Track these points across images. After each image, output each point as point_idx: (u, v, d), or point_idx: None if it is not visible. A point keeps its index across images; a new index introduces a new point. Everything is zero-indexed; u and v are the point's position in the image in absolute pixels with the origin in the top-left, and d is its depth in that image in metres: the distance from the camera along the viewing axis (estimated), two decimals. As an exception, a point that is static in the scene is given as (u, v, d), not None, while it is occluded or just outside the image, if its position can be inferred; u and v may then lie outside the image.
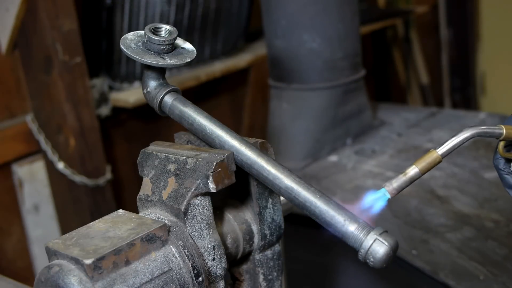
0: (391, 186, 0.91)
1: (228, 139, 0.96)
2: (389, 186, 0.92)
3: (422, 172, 0.92)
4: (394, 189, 0.91)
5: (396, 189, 0.91)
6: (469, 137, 0.96)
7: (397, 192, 0.91)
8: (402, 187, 0.91)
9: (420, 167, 0.93)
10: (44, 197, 2.68)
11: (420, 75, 4.62)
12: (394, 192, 0.91)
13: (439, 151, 0.94)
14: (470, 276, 1.72)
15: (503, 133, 0.99)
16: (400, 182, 0.91)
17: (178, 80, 2.86)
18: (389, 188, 0.91)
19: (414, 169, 0.92)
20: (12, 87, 2.56)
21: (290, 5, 2.44)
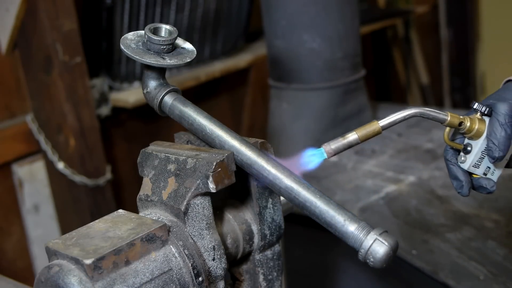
0: (329, 147, 0.95)
1: (228, 139, 0.96)
2: (327, 146, 0.95)
3: (360, 139, 0.96)
4: (332, 149, 0.95)
5: (333, 150, 0.95)
6: (411, 115, 0.98)
7: (333, 153, 0.95)
8: (339, 149, 0.95)
9: (360, 134, 0.96)
10: (44, 197, 2.67)
11: (420, 75, 4.62)
12: (331, 152, 0.95)
13: (380, 123, 0.97)
14: (470, 276, 1.72)
15: (447, 119, 1.00)
16: (338, 145, 0.95)
17: (178, 80, 2.86)
18: (327, 148, 0.95)
19: (354, 135, 0.96)
20: (12, 87, 2.55)
21: (290, 5, 2.44)
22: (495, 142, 0.99)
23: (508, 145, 0.99)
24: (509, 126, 0.99)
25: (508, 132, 0.99)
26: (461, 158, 1.05)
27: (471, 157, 1.03)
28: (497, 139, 0.99)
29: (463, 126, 1.01)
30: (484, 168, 1.04)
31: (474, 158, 1.03)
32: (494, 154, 1.00)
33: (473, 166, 1.04)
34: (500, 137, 0.99)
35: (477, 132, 1.01)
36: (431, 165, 2.33)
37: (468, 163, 1.04)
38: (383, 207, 2.08)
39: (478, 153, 1.03)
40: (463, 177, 1.05)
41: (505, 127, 0.99)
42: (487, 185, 1.05)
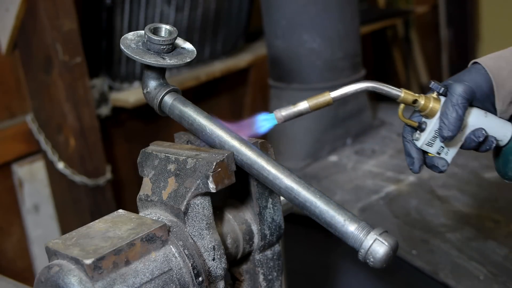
0: (280, 113, 0.98)
1: (228, 139, 0.96)
2: (278, 113, 0.98)
3: (311, 108, 0.99)
4: (282, 116, 0.98)
5: (284, 117, 0.98)
6: (363, 88, 1.01)
7: (284, 119, 0.98)
8: (289, 117, 0.98)
9: (311, 104, 0.99)
10: (44, 197, 2.67)
11: (420, 75, 4.61)
12: (281, 119, 0.98)
13: (332, 94, 1.00)
14: (470, 276, 1.72)
15: (400, 95, 1.01)
16: (289, 112, 0.98)
17: (178, 80, 2.86)
18: (278, 114, 0.98)
19: (305, 104, 0.99)
20: (12, 87, 2.55)
21: (290, 5, 2.44)
22: (446, 122, 1.00)
23: (458, 125, 1.00)
24: (460, 107, 0.99)
25: (459, 113, 0.99)
26: (416, 135, 1.06)
27: (424, 135, 1.04)
28: (448, 119, 1.00)
29: (417, 104, 1.02)
30: (437, 147, 1.05)
31: (428, 137, 1.04)
32: (444, 134, 1.00)
33: (426, 145, 1.04)
34: (451, 117, 0.99)
35: (431, 110, 1.02)
36: (431, 165, 2.33)
37: (421, 140, 1.04)
38: (383, 207, 2.08)
39: (431, 132, 1.03)
40: (415, 154, 1.06)
41: (456, 108, 0.99)
42: (438, 164, 1.05)
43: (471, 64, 1.05)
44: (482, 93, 1.02)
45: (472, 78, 1.02)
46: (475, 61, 1.05)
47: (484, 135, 1.02)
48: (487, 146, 1.04)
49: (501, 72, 1.01)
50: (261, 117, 0.99)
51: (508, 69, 1.01)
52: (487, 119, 1.04)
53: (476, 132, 1.02)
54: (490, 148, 1.04)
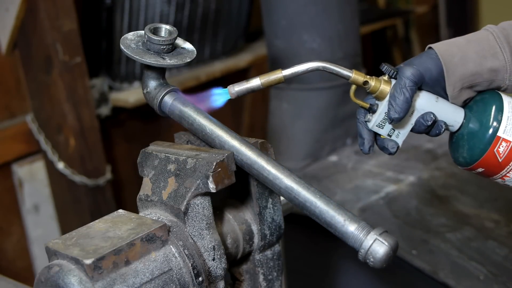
0: (233, 88, 1.01)
1: (228, 139, 0.96)
2: (231, 88, 1.01)
3: (263, 85, 1.02)
4: (235, 91, 1.01)
5: (237, 92, 1.01)
6: (314, 68, 1.05)
7: (236, 94, 1.01)
8: (242, 92, 1.01)
9: (262, 81, 1.02)
10: (44, 197, 2.67)
11: (420, 75, 4.61)
12: (234, 94, 1.01)
13: (284, 73, 1.03)
14: (470, 276, 1.72)
15: (351, 76, 1.04)
16: (241, 88, 1.01)
17: (178, 80, 2.86)
18: (231, 89, 1.01)
19: (257, 81, 1.01)
20: (12, 87, 2.55)
21: (290, 5, 2.44)
22: (393, 104, 1.01)
23: (406, 108, 1.01)
24: (408, 90, 1.01)
25: (407, 95, 1.01)
26: (368, 117, 1.07)
27: (375, 117, 1.05)
28: (395, 101, 1.01)
29: (367, 86, 1.04)
30: (388, 129, 1.06)
31: (378, 118, 1.05)
32: (391, 115, 1.02)
33: (377, 126, 1.06)
34: (398, 99, 1.01)
35: (381, 92, 1.04)
36: (431, 165, 2.33)
37: (372, 122, 1.06)
38: (383, 207, 2.08)
39: (382, 114, 1.05)
40: (366, 135, 1.07)
41: (403, 90, 1.01)
42: (388, 146, 1.07)
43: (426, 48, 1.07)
44: (431, 77, 1.03)
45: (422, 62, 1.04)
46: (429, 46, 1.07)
47: (433, 119, 1.03)
48: (436, 131, 1.05)
49: (452, 58, 1.03)
50: (216, 91, 1.02)
51: (460, 55, 1.03)
52: (438, 104, 1.05)
53: (425, 116, 1.04)
54: (440, 132, 1.06)
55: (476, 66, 1.03)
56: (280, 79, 1.02)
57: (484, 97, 1.06)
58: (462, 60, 1.03)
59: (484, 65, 1.03)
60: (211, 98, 1.02)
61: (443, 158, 2.34)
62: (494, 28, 1.06)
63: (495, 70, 1.03)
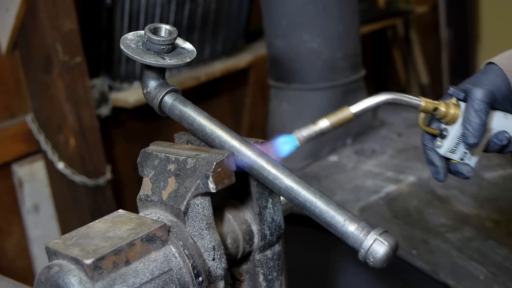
0: (301, 134, 0.94)
1: (228, 139, 0.96)
2: (298, 134, 0.94)
3: (332, 126, 0.95)
4: (304, 137, 0.94)
5: (305, 137, 0.94)
6: (384, 101, 0.98)
7: (305, 140, 0.94)
8: (311, 137, 0.94)
9: (331, 121, 0.95)
10: (44, 197, 2.67)
11: (420, 75, 4.61)
12: (302, 140, 0.94)
13: (352, 110, 0.96)
14: (470, 276, 1.72)
15: (421, 104, 0.99)
16: (310, 132, 0.94)
17: (178, 80, 2.86)
18: (299, 135, 0.94)
19: (326, 122, 0.95)
20: (12, 87, 2.55)
21: (290, 5, 2.44)
22: (470, 129, 0.98)
23: (482, 131, 0.98)
24: (483, 112, 0.98)
25: (483, 118, 0.98)
26: (437, 143, 1.04)
27: (447, 142, 1.03)
28: (472, 126, 0.98)
29: (437, 112, 1.01)
30: (460, 153, 1.03)
31: (450, 144, 1.02)
32: (469, 141, 0.99)
33: (450, 152, 1.03)
34: (475, 123, 0.98)
35: (452, 117, 1.01)
36: (431, 165, 2.33)
37: (444, 148, 1.03)
38: (383, 207, 2.08)
39: (454, 139, 1.02)
40: (439, 162, 1.04)
41: (479, 114, 0.98)
42: (463, 171, 1.05)
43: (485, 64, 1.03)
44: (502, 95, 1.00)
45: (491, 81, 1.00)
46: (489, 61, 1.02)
47: (508, 138, 1.01)
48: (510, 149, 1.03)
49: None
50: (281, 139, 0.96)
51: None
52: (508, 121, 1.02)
53: (499, 136, 1.01)
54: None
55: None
56: (350, 117, 0.96)
57: None
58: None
59: None
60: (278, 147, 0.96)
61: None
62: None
63: None
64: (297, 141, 0.95)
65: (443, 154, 1.04)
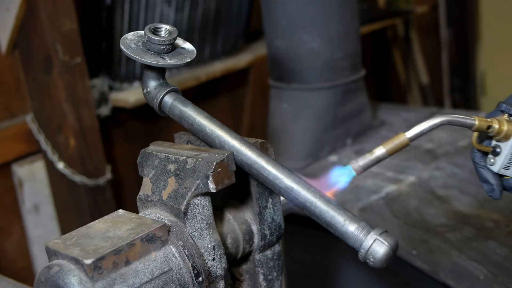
0: (357, 164, 0.94)
1: (228, 139, 0.96)
2: (355, 164, 0.94)
3: (389, 153, 0.95)
4: (360, 166, 0.94)
5: (361, 167, 0.94)
6: (438, 124, 0.97)
7: (362, 170, 0.94)
8: (368, 166, 0.95)
9: (387, 148, 0.96)
10: (44, 197, 2.67)
11: (420, 75, 4.62)
12: (359, 170, 0.94)
13: (408, 135, 0.96)
14: (470, 276, 1.72)
15: (475, 124, 0.99)
16: (367, 161, 0.95)
17: (178, 80, 2.86)
18: (355, 165, 0.94)
19: (381, 150, 0.96)
20: (12, 87, 2.56)
21: (290, 5, 2.44)
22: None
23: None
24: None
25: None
26: (490, 160, 1.03)
27: (501, 159, 1.02)
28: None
29: (491, 130, 1.00)
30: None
31: (504, 160, 1.02)
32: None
33: (504, 168, 1.02)
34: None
35: (506, 134, 1.00)
36: (431, 165, 2.33)
37: (498, 165, 1.02)
38: (383, 207, 2.08)
39: (508, 155, 1.01)
40: (493, 180, 1.03)
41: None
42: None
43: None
44: None
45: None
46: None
47: None
48: None
49: None
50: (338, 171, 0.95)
51: None
52: None
53: None
54: None
55: None
56: (406, 143, 0.96)
57: None
58: None
59: None
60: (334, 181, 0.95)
61: (443, 158, 2.34)
62: None
63: None
64: (354, 172, 0.95)
65: (497, 171, 1.03)
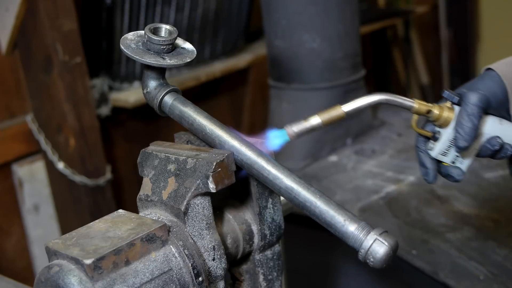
0: (292, 129, 0.96)
1: (228, 139, 0.96)
2: (289, 129, 0.96)
3: (323, 123, 0.98)
4: (294, 132, 0.96)
5: (295, 133, 0.96)
6: (376, 101, 0.99)
7: (296, 135, 0.96)
8: (301, 132, 0.96)
9: (323, 119, 0.98)
10: (44, 197, 2.67)
11: (420, 75, 4.61)
12: (293, 135, 0.96)
13: (344, 108, 0.99)
14: (470, 276, 1.72)
15: (414, 106, 1.00)
16: (301, 128, 0.97)
17: (178, 80, 2.86)
18: (290, 130, 0.96)
19: (317, 119, 0.98)
20: (12, 87, 2.55)
21: (290, 5, 2.44)
22: (461, 132, 0.99)
23: (473, 135, 0.99)
24: (476, 116, 0.99)
25: (475, 122, 0.99)
26: (430, 145, 1.05)
27: (439, 145, 1.03)
28: (463, 129, 0.99)
29: (431, 114, 1.01)
30: (452, 156, 1.04)
31: (442, 146, 1.03)
32: (459, 144, 1.00)
33: (441, 154, 1.04)
34: (467, 127, 0.99)
35: (445, 120, 1.02)
36: (431, 165, 2.33)
37: (436, 150, 1.04)
38: (383, 207, 2.08)
39: (446, 142, 1.03)
40: (430, 164, 1.05)
41: (471, 118, 0.99)
42: (454, 174, 1.05)
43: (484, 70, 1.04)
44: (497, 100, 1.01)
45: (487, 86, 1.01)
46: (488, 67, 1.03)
47: (500, 144, 1.01)
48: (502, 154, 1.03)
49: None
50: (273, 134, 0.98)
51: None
52: (503, 127, 1.03)
53: (492, 141, 1.02)
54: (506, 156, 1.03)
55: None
56: (342, 116, 0.98)
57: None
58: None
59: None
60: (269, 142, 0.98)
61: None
62: None
63: None
64: (287, 136, 0.97)
65: (434, 157, 1.04)
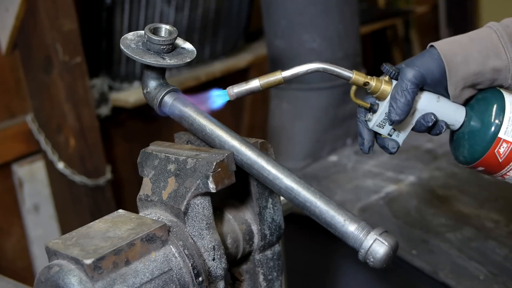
0: (232, 90, 1.01)
1: (228, 139, 0.96)
2: (230, 90, 1.01)
3: (262, 87, 1.01)
4: (235, 93, 1.01)
5: (235, 94, 1.01)
6: (314, 69, 1.04)
7: (236, 96, 1.01)
8: (241, 94, 1.01)
9: (262, 82, 1.01)
10: (44, 197, 2.67)
11: (420, 75, 4.61)
12: (233, 95, 1.01)
13: (283, 74, 1.01)
14: (470, 276, 1.72)
15: (351, 77, 1.03)
16: (241, 89, 1.01)
17: (178, 80, 2.86)
18: (230, 91, 1.01)
19: (256, 83, 1.01)
20: (12, 87, 2.55)
21: (290, 5, 2.44)
22: (394, 106, 1.01)
23: (407, 110, 1.01)
24: (409, 92, 1.00)
25: (408, 98, 1.00)
26: (368, 116, 1.07)
27: (376, 117, 1.05)
28: (397, 103, 1.01)
29: (368, 86, 1.03)
30: (388, 129, 1.06)
31: (379, 118, 1.05)
32: (392, 117, 1.02)
33: (378, 126, 1.06)
34: (400, 102, 1.01)
35: (382, 93, 1.03)
36: (431, 165, 2.33)
37: (373, 122, 1.06)
38: (383, 207, 2.08)
39: (382, 114, 1.05)
40: (366, 135, 1.07)
41: (405, 93, 1.00)
42: (389, 146, 1.07)
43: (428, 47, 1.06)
44: (433, 78, 1.03)
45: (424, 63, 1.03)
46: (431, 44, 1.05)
47: (434, 120, 1.03)
48: (437, 131, 1.06)
49: (455, 58, 1.02)
50: (215, 92, 1.02)
51: (462, 55, 1.02)
52: (439, 104, 1.05)
53: (426, 117, 1.04)
54: (441, 132, 1.06)
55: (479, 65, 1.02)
56: (280, 81, 1.01)
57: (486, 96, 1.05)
58: (465, 60, 1.02)
59: (487, 65, 1.02)
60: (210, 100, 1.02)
61: (443, 158, 2.34)
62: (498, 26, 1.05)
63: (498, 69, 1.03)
64: (228, 97, 1.01)
65: (371, 128, 1.07)
